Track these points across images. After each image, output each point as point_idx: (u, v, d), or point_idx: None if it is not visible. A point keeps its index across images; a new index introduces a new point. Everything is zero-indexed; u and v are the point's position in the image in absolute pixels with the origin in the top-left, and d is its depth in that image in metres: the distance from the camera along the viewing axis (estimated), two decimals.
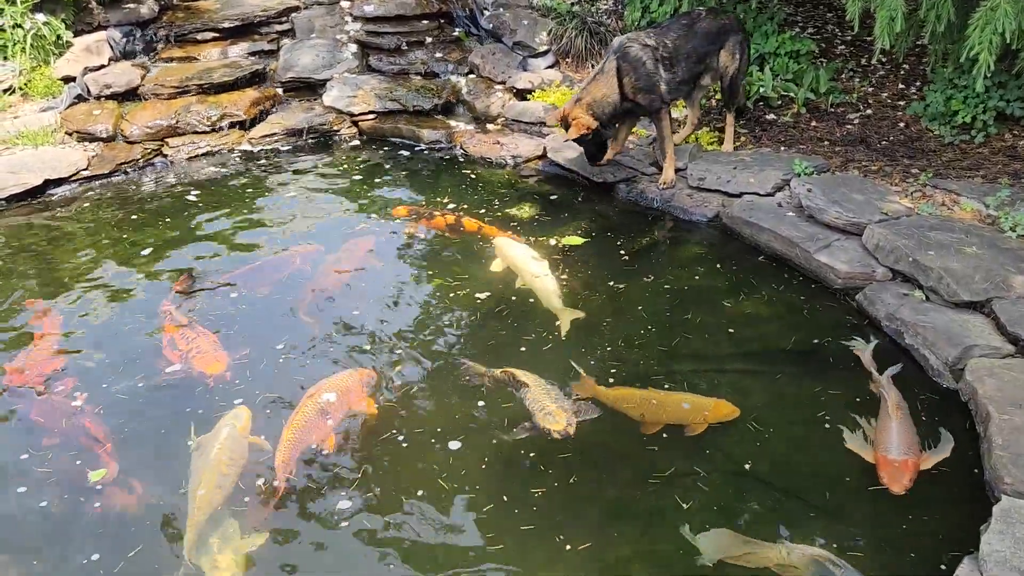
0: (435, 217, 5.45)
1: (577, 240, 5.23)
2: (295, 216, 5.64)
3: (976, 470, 3.29)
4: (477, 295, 4.62)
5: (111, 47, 7.34)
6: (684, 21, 5.60)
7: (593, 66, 7.26)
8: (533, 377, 3.72)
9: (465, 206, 5.68)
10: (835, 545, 3.00)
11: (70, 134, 6.65)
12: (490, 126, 6.98)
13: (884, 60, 6.76)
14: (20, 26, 6.87)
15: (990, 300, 4.04)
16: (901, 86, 6.53)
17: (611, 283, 4.74)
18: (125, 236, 5.43)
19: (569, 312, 4.38)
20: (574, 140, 5.40)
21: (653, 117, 5.54)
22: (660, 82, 5.34)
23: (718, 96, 6.29)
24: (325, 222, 5.57)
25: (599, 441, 3.52)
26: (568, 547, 3.05)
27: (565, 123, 5.32)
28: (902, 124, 6.07)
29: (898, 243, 4.45)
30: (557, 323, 4.30)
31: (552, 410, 3.47)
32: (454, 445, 3.53)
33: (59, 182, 6.18)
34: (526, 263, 4.74)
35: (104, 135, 6.62)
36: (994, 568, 2.69)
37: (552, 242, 5.17)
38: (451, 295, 4.64)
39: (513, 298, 4.58)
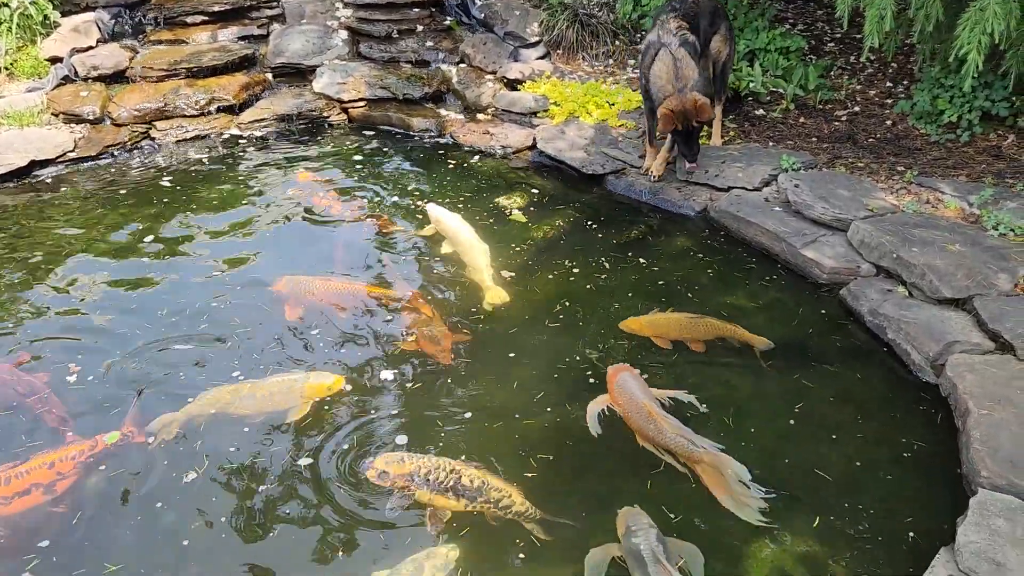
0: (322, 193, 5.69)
1: (521, 218, 5.37)
2: (282, 203, 5.63)
3: (954, 466, 3.34)
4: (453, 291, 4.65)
5: (99, 28, 7.27)
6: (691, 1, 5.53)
7: (584, 58, 7.30)
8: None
9: (415, 191, 5.70)
10: (816, 536, 3.06)
11: (56, 115, 6.59)
12: (480, 116, 6.98)
13: (873, 58, 6.80)
14: (7, 5, 6.79)
15: (972, 297, 4.10)
16: (889, 84, 6.58)
17: (596, 274, 4.77)
18: (112, 218, 5.40)
19: (496, 290, 4.48)
20: (686, 136, 5.16)
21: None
22: None
23: None
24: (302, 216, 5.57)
25: (586, 435, 3.54)
26: (546, 536, 3.08)
27: (682, 115, 5.04)
28: (889, 122, 6.12)
29: (883, 239, 4.50)
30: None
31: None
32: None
33: (45, 163, 6.14)
34: (462, 233, 4.88)
35: (91, 117, 6.57)
36: (969, 559, 2.75)
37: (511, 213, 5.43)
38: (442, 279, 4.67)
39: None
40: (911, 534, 3.08)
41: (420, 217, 5.37)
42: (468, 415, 3.67)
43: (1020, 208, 4.70)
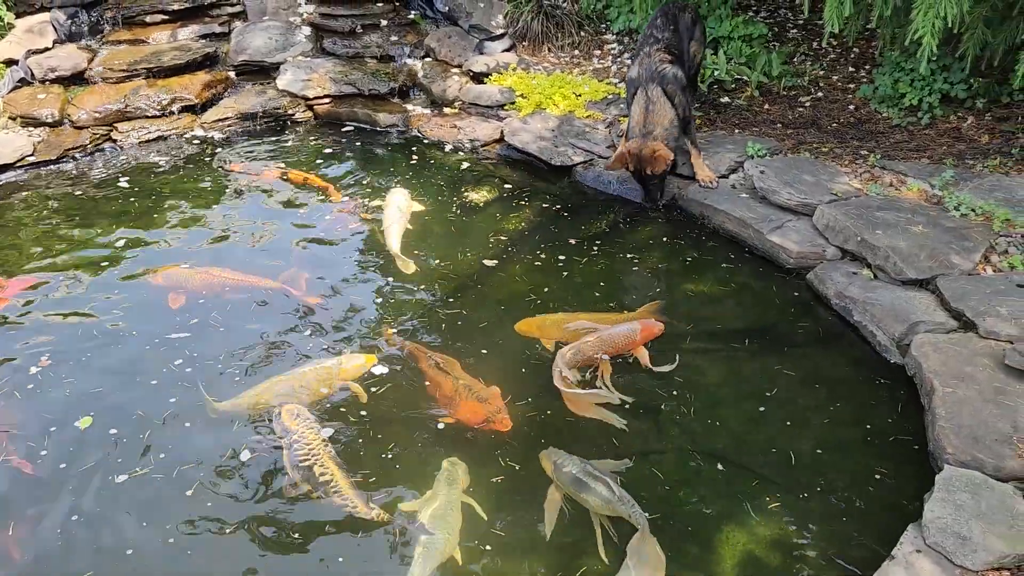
0: (264, 171, 5.99)
1: (480, 203, 5.56)
2: (250, 203, 5.58)
3: (921, 443, 3.40)
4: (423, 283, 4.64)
5: (55, 29, 7.13)
6: (669, 21, 5.47)
7: (549, 50, 7.29)
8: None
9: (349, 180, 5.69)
10: (787, 517, 3.10)
11: (14, 119, 6.46)
12: (447, 110, 6.95)
13: (835, 44, 6.87)
14: None
15: (935, 277, 4.16)
16: (851, 69, 6.65)
17: (565, 264, 4.78)
18: (74, 222, 5.31)
19: (403, 260, 4.68)
20: (641, 180, 5.21)
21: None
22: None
23: None
24: (276, 210, 5.51)
25: (557, 439, 3.53)
26: (507, 530, 3.10)
27: (636, 159, 5.07)
28: (852, 107, 6.19)
29: (847, 223, 4.55)
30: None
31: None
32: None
33: (4, 168, 6.02)
34: (389, 208, 5.15)
35: (50, 120, 6.45)
36: (936, 534, 2.80)
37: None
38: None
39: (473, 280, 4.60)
40: (880, 512, 3.13)
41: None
42: (441, 417, 3.64)
43: (980, 188, 4.78)
